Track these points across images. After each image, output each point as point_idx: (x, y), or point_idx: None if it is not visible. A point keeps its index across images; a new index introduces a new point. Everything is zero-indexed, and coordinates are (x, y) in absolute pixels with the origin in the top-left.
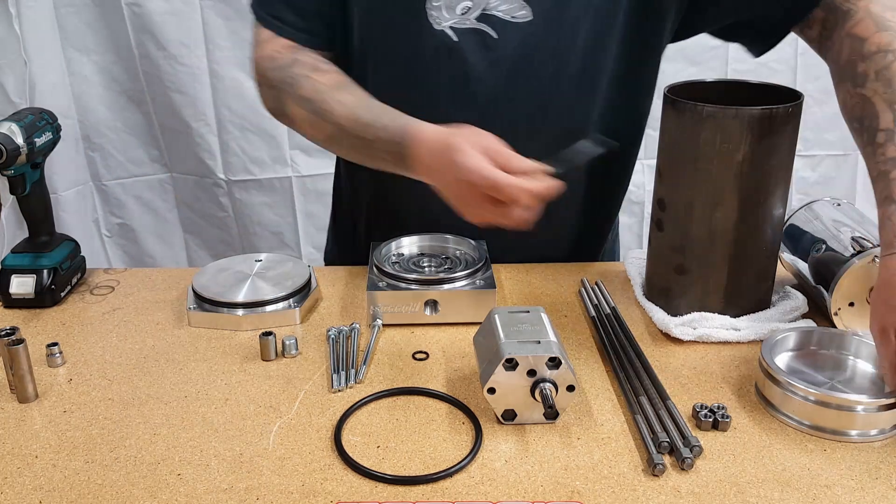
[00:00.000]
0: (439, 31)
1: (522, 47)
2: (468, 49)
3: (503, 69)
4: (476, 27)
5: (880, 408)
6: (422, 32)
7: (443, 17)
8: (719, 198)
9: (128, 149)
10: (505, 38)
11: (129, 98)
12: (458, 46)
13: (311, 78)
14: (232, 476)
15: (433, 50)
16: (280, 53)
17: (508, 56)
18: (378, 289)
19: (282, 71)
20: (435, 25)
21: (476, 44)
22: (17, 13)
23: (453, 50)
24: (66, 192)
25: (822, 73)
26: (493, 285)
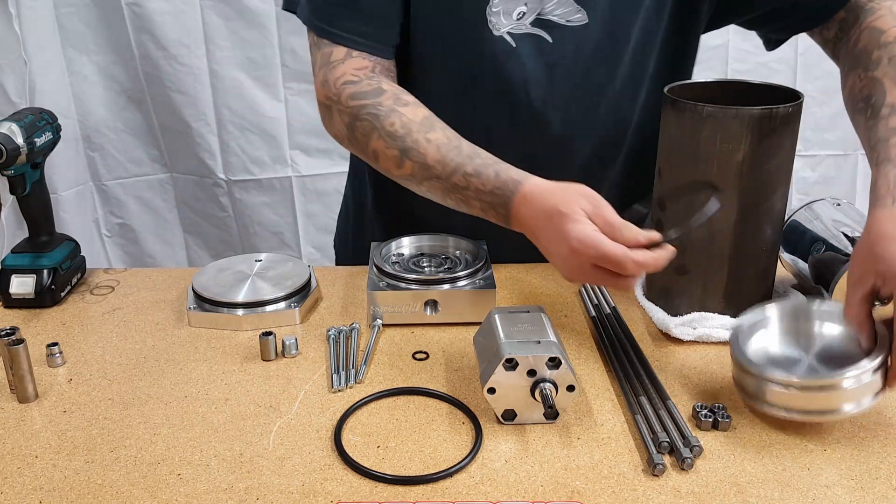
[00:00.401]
0: (498, 37)
1: (578, 51)
2: (525, 54)
3: (559, 73)
4: (532, 32)
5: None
6: (482, 39)
7: (501, 22)
8: (719, 198)
9: (128, 149)
10: (561, 41)
11: (129, 98)
12: (515, 52)
13: (397, 111)
14: (232, 476)
15: (492, 56)
16: (358, 76)
17: (564, 60)
18: (378, 289)
19: (366, 98)
20: (494, 31)
21: (532, 48)
22: (17, 13)
23: (511, 55)
24: (66, 192)
25: (822, 74)
26: (493, 285)
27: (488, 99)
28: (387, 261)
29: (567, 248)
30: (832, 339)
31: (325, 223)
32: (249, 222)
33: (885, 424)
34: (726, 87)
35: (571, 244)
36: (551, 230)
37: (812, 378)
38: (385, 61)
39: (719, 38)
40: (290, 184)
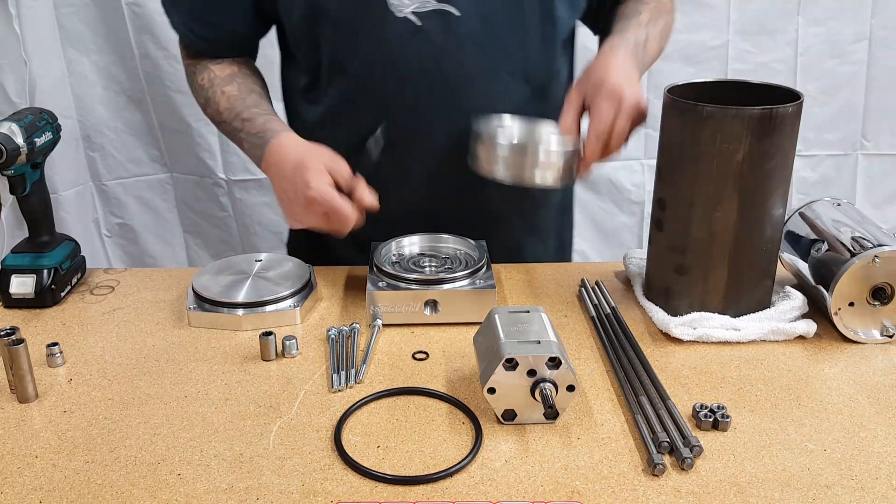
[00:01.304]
0: (402, 19)
1: (485, 21)
2: (432, 30)
3: (470, 44)
4: (438, 8)
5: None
6: (385, 22)
7: (403, 3)
8: (719, 198)
9: (128, 149)
10: (467, 14)
11: (129, 98)
12: (421, 30)
13: (209, 68)
14: (232, 476)
15: (398, 37)
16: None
17: (473, 31)
18: (378, 289)
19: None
20: (397, 13)
21: (440, 24)
22: (17, 13)
23: (417, 34)
24: (66, 192)
25: (822, 74)
26: (493, 285)
27: (405, 80)
28: (387, 261)
29: (304, 196)
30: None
31: None
32: (250, 222)
33: (886, 425)
34: (726, 87)
35: (309, 193)
36: (293, 176)
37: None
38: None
39: (719, 39)
40: None
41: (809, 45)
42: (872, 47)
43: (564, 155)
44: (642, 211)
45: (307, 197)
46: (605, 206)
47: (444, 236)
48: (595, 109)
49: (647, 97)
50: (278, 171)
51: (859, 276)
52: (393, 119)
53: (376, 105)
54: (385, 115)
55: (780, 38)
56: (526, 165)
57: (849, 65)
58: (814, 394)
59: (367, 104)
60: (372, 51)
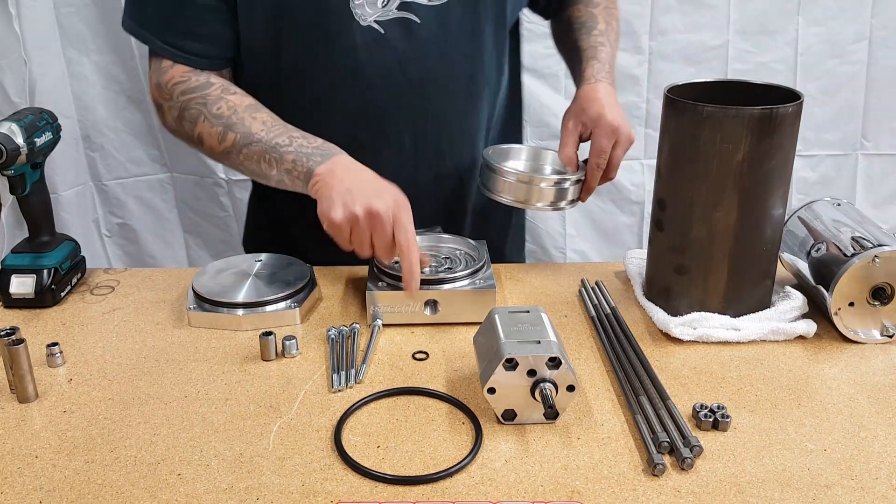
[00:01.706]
0: (366, 27)
1: (444, 27)
2: (395, 38)
3: (430, 49)
4: (399, 16)
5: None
6: (350, 30)
7: (366, 13)
8: (719, 198)
9: (128, 149)
10: (427, 21)
11: (129, 98)
12: (385, 38)
13: (224, 98)
14: (232, 476)
15: (364, 45)
16: (187, 76)
17: (432, 37)
18: (378, 289)
19: (193, 92)
20: (361, 22)
21: (401, 31)
22: (17, 13)
23: (381, 41)
24: (66, 192)
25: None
26: (493, 285)
27: (371, 86)
28: None
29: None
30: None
31: None
32: None
33: (886, 425)
34: (726, 87)
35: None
36: (369, 185)
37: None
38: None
39: (719, 39)
40: None
41: (809, 45)
42: (872, 47)
43: (567, 183)
44: (642, 211)
45: (374, 209)
46: (605, 206)
47: (444, 236)
48: (596, 144)
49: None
50: (349, 173)
51: (859, 276)
52: (359, 124)
53: (342, 111)
54: (351, 120)
55: (780, 38)
56: (532, 194)
57: (849, 65)
58: (814, 394)
59: (331, 110)
60: (337, 58)
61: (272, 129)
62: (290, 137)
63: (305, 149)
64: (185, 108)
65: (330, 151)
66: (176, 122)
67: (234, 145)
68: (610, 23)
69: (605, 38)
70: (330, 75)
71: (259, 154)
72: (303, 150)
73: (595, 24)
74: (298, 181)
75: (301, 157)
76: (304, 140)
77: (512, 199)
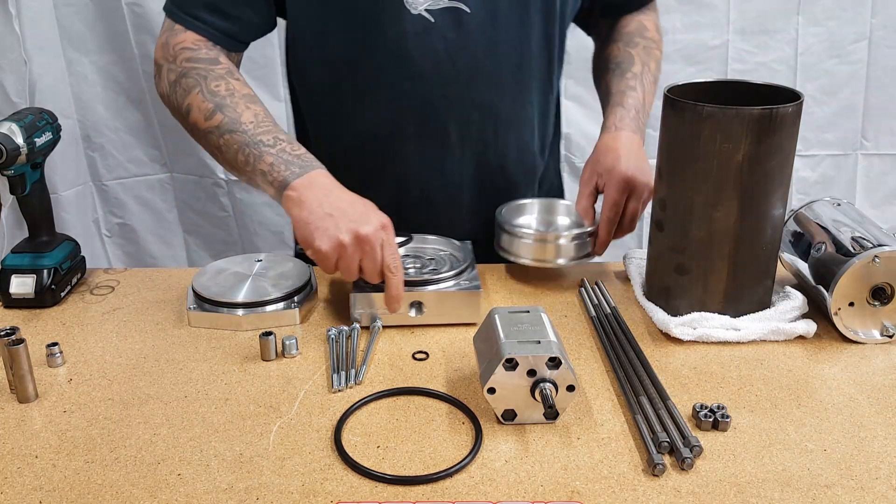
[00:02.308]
0: (417, 15)
1: (493, 18)
2: (445, 27)
3: (479, 40)
4: (449, 6)
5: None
6: (401, 18)
7: (417, 1)
8: (719, 198)
9: (128, 149)
10: (477, 11)
11: (129, 98)
12: (434, 27)
13: (227, 80)
14: (232, 476)
15: (413, 33)
16: (198, 46)
17: (482, 27)
18: (362, 290)
19: (199, 63)
20: (412, 11)
21: (451, 21)
22: (17, 13)
23: (431, 30)
24: (66, 192)
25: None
26: (479, 286)
27: (419, 75)
28: None
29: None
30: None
31: None
32: (250, 222)
33: (886, 425)
34: (726, 87)
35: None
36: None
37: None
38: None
39: (719, 39)
40: None
41: (809, 45)
42: (872, 47)
43: (580, 238)
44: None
45: (362, 234)
46: None
47: (429, 237)
48: (608, 196)
49: None
50: (326, 195)
51: (859, 276)
52: (404, 113)
53: (387, 99)
54: (396, 109)
55: (780, 38)
56: (547, 251)
57: (848, 64)
58: (814, 394)
59: (377, 98)
60: (385, 46)
61: (261, 125)
62: (276, 139)
63: (286, 155)
64: (183, 74)
65: (310, 164)
66: (170, 87)
67: (219, 127)
68: (647, 64)
69: (638, 82)
70: (377, 63)
71: (239, 145)
72: (283, 156)
73: (630, 66)
74: (271, 188)
75: (280, 163)
76: (288, 145)
77: (530, 258)
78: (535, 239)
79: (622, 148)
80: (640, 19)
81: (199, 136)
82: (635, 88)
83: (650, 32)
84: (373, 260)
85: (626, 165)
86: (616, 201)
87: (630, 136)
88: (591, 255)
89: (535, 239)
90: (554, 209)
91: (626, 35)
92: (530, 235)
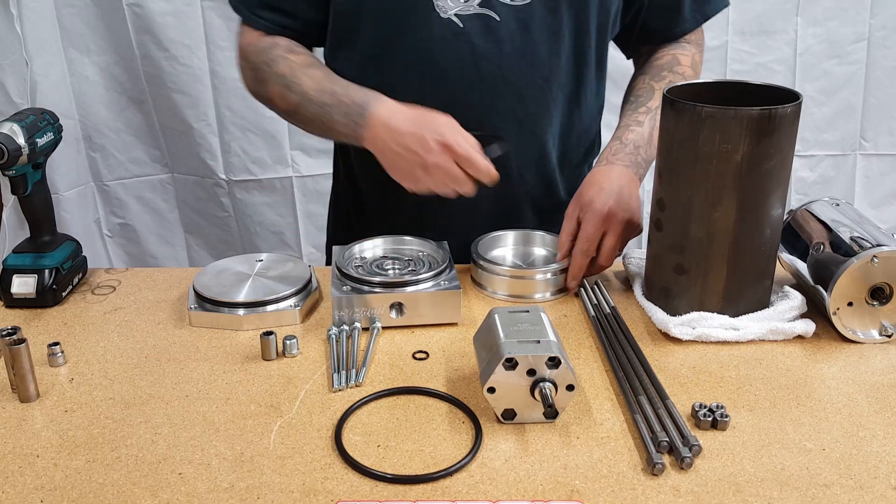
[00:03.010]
0: (446, 20)
1: (523, 28)
2: (473, 33)
3: (506, 49)
4: (479, 12)
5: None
6: (430, 22)
7: (448, 5)
8: (718, 198)
9: (129, 149)
10: (507, 20)
11: (130, 98)
12: (463, 31)
13: (286, 58)
14: (233, 475)
15: (441, 37)
16: (259, 38)
17: (511, 36)
18: (343, 293)
19: (262, 53)
20: (442, 14)
21: (480, 27)
22: (18, 14)
23: (460, 36)
24: (68, 193)
25: (821, 74)
26: (458, 286)
27: (444, 78)
28: (350, 264)
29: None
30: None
31: (325, 223)
32: (250, 222)
33: (884, 424)
34: (725, 87)
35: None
36: (417, 129)
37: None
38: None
39: (718, 39)
40: (290, 184)
41: (808, 46)
42: (871, 47)
43: (556, 273)
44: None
45: (443, 144)
46: None
47: (406, 238)
48: (583, 230)
49: None
50: (393, 129)
51: (858, 276)
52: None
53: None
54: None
55: (779, 39)
56: (526, 285)
57: (847, 65)
58: (812, 393)
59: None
60: (413, 48)
61: (320, 88)
62: (333, 95)
63: (345, 107)
64: (255, 68)
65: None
66: (253, 84)
67: (297, 107)
68: None
69: (648, 118)
70: (404, 64)
71: (315, 116)
72: (343, 109)
73: (646, 101)
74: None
75: (346, 120)
76: (344, 96)
77: (506, 294)
78: (512, 276)
79: (606, 182)
80: (676, 53)
81: (293, 121)
82: (642, 124)
83: (682, 67)
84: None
85: (606, 200)
86: (590, 235)
87: (621, 170)
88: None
89: (513, 277)
90: (532, 240)
91: (655, 67)
92: (508, 272)
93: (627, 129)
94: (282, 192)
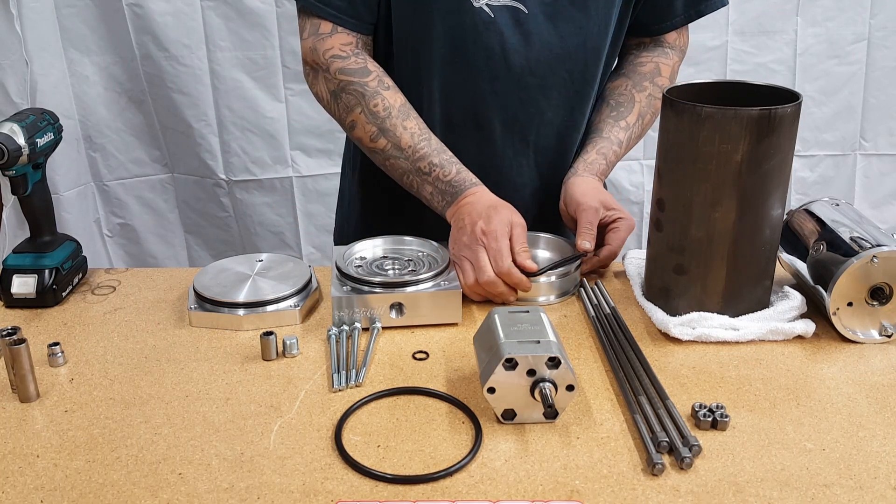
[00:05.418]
0: (477, 9)
1: (551, 22)
2: (503, 23)
3: (535, 39)
4: (509, 4)
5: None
6: (462, 10)
7: None
8: (718, 198)
9: (129, 149)
10: (534, 13)
11: (130, 98)
12: (493, 21)
13: (381, 94)
14: (233, 475)
15: (472, 26)
16: (346, 52)
17: (538, 29)
18: (343, 293)
19: (353, 76)
20: (474, 3)
21: (510, 18)
22: (18, 14)
23: (490, 25)
24: (68, 193)
25: (821, 75)
26: (458, 286)
27: (471, 67)
28: (350, 264)
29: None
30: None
31: (325, 223)
32: (250, 222)
33: (884, 424)
34: (725, 87)
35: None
36: (480, 213)
37: None
38: (364, 37)
39: (718, 40)
40: (290, 184)
41: (808, 46)
42: (871, 48)
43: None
44: (642, 211)
45: (483, 230)
46: None
47: (406, 238)
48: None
49: None
50: (468, 211)
51: (858, 277)
52: (454, 102)
53: (440, 87)
54: (447, 97)
55: (779, 39)
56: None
57: (847, 65)
58: (812, 393)
59: (431, 85)
60: (443, 35)
61: (417, 148)
62: (430, 164)
63: (440, 184)
64: (342, 89)
65: (459, 189)
66: (330, 97)
67: (384, 151)
68: (644, 116)
69: (627, 135)
70: (434, 50)
71: (403, 170)
72: (438, 185)
73: (626, 115)
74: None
75: (436, 193)
76: (440, 170)
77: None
78: None
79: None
80: (659, 62)
81: (364, 148)
82: (622, 143)
83: (661, 79)
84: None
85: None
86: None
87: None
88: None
89: None
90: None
91: (638, 75)
92: None
93: (609, 143)
94: (282, 192)
